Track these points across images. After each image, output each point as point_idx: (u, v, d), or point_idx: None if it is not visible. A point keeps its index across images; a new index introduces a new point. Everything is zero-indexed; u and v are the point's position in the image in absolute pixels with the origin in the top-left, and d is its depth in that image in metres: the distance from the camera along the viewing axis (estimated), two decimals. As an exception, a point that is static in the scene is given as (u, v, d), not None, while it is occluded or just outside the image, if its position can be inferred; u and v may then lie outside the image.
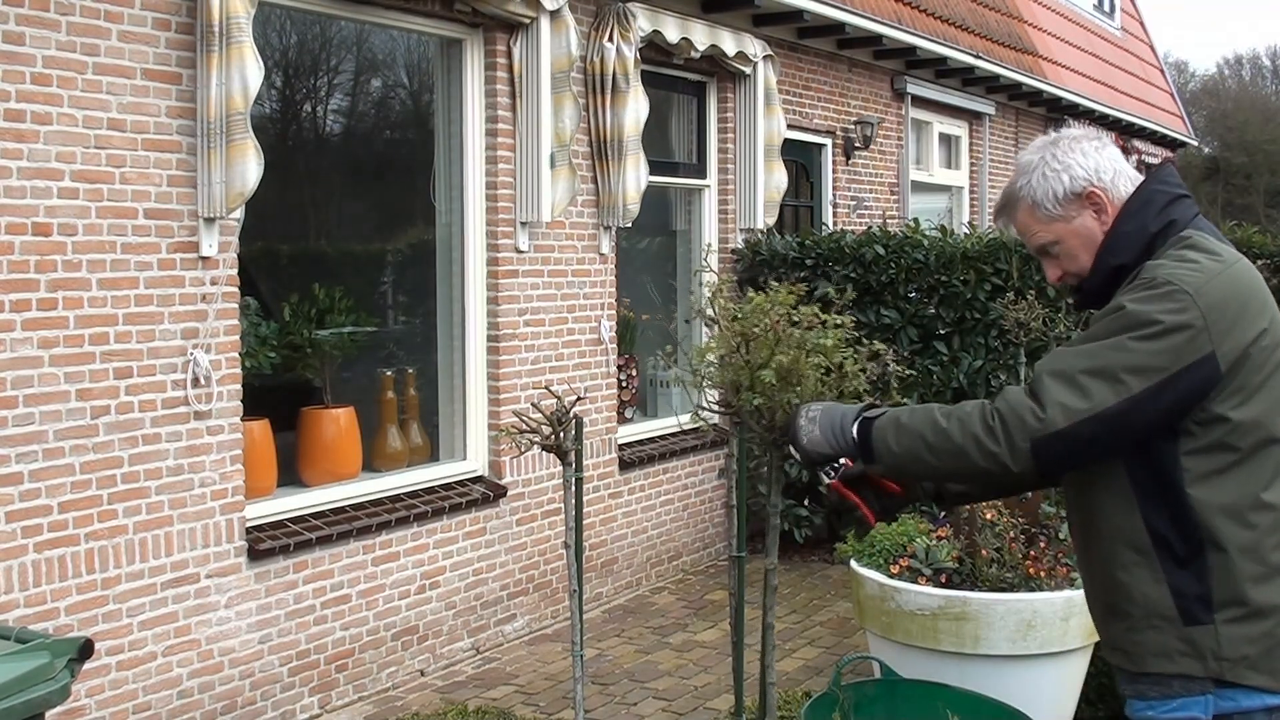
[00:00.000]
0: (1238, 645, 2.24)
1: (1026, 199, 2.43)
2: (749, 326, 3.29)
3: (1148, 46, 18.94)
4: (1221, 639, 2.24)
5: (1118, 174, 2.40)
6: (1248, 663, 2.24)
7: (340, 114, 6.52)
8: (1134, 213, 2.37)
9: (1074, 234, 2.40)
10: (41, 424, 4.31)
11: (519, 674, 5.85)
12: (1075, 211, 2.39)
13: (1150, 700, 2.32)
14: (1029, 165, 2.44)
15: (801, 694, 5.12)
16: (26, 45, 4.23)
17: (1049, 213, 2.41)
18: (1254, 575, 2.24)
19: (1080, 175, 2.38)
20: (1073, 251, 2.42)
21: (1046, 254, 2.47)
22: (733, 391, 3.34)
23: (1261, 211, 36.05)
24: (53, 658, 2.92)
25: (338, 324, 5.84)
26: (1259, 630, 2.24)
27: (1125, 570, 2.31)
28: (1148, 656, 2.30)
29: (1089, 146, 2.42)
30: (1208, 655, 2.25)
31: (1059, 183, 2.39)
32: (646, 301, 7.68)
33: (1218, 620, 2.24)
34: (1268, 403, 2.24)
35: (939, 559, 4.61)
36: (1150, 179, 2.40)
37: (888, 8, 9.23)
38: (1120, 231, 2.37)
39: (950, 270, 7.43)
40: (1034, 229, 2.45)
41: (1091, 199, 2.38)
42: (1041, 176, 2.41)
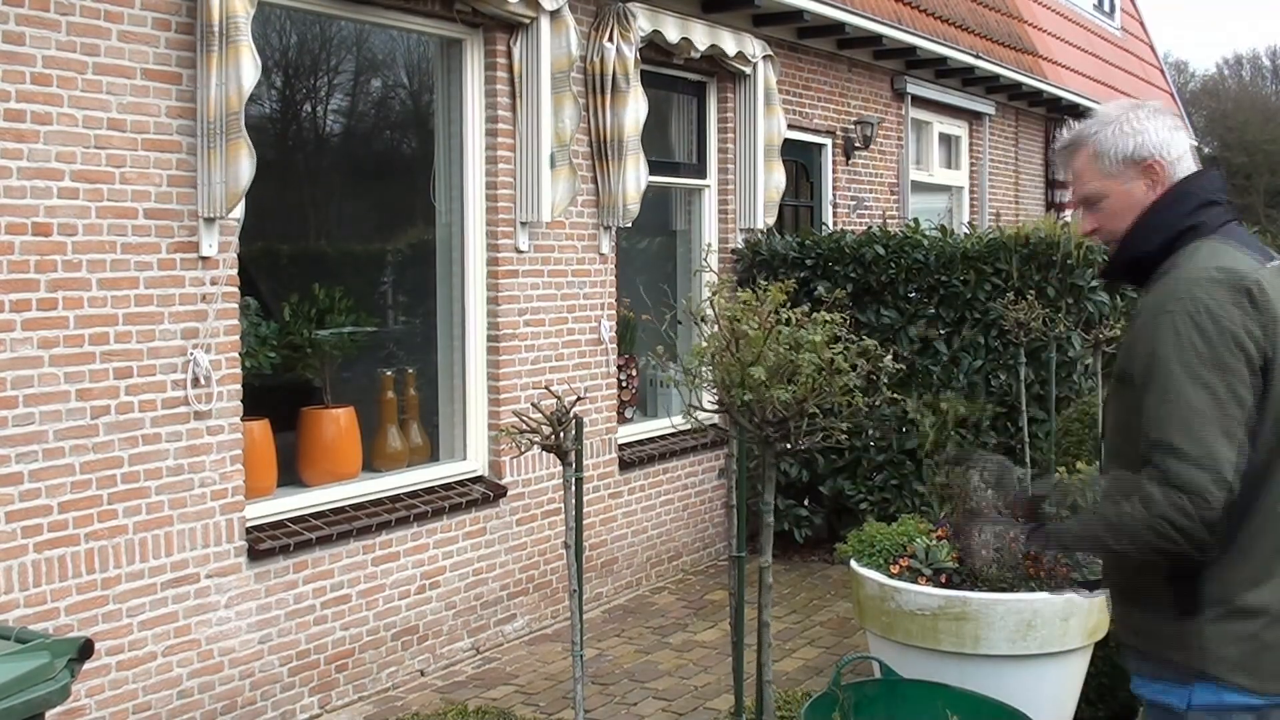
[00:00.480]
0: (1221, 644, 2.29)
1: (1092, 146, 2.47)
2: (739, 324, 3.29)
3: (1148, 46, 18.94)
4: (1206, 635, 2.30)
5: (1182, 158, 2.44)
6: (1230, 662, 2.29)
7: (340, 114, 6.52)
8: (1170, 205, 2.41)
9: (1123, 195, 2.45)
10: (41, 424, 4.31)
11: (519, 674, 5.85)
12: (1132, 175, 2.44)
13: (1145, 678, 2.44)
14: (1108, 117, 2.48)
15: (801, 694, 5.12)
16: (26, 45, 4.23)
17: (1106, 168, 2.45)
18: (1246, 578, 2.29)
19: (1152, 143, 2.43)
20: (1115, 211, 2.47)
21: (1089, 204, 2.51)
22: (724, 389, 3.34)
23: (1261, 211, 36.04)
24: (53, 658, 2.92)
25: (338, 324, 5.84)
26: (1244, 631, 2.29)
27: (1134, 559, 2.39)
28: (1151, 637, 2.40)
29: (1168, 122, 2.46)
30: (1193, 648, 2.32)
31: (1130, 142, 2.43)
32: (646, 301, 7.68)
33: (1206, 616, 2.31)
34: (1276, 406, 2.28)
35: (939, 559, 4.61)
36: (1195, 176, 2.44)
37: (888, 8, 9.23)
38: (1154, 220, 2.42)
39: (950, 270, 7.43)
40: (1087, 177, 2.49)
41: (1150, 170, 2.43)
42: (1116, 131, 2.45)
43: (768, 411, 3.29)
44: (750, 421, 3.26)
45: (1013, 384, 7.07)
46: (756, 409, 3.31)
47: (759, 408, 3.29)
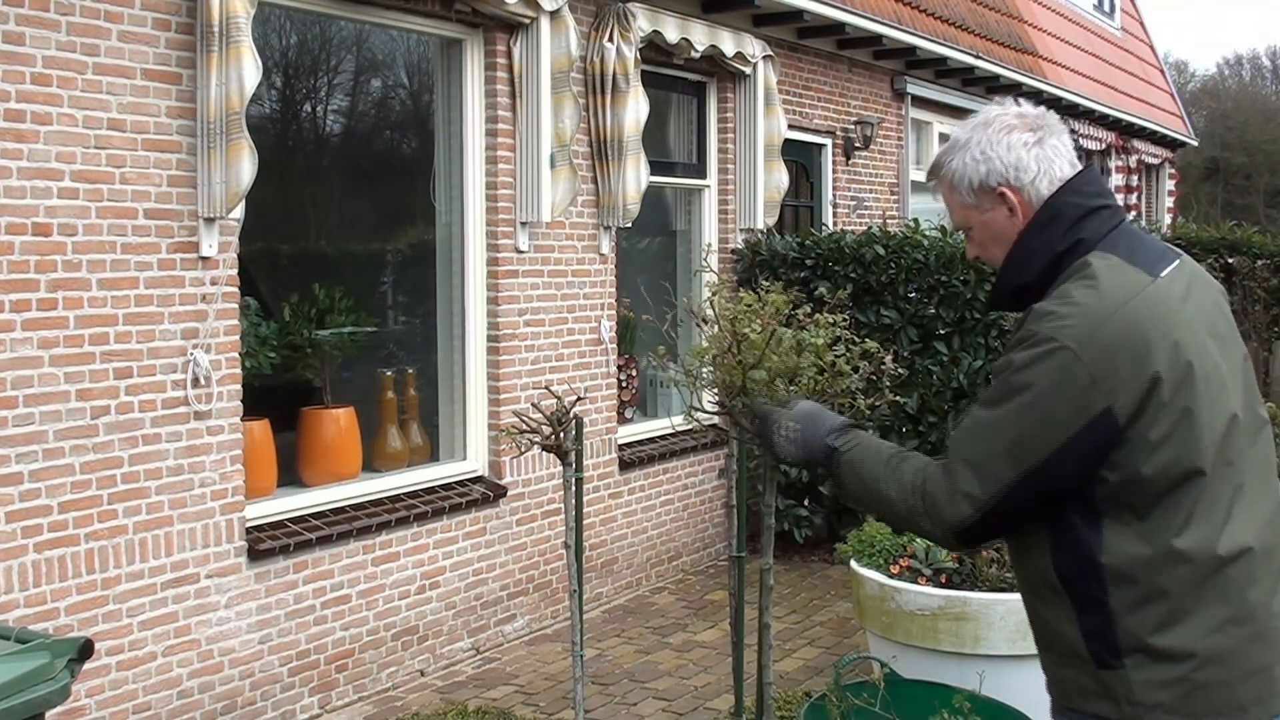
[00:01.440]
0: (1150, 691, 2.14)
1: (947, 177, 2.35)
2: (741, 327, 3.29)
3: (1148, 46, 18.94)
4: (1133, 684, 2.15)
5: (1040, 175, 2.26)
6: (1163, 709, 2.14)
7: (340, 114, 6.52)
8: (1040, 227, 2.25)
9: (985, 225, 2.33)
10: (41, 424, 4.31)
11: (519, 674, 5.85)
12: (989, 204, 2.30)
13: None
14: (958, 142, 2.33)
15: (801, 694, 5.12)
16: (26, 45, 4.23)
17: (963, 199, 2.33)
18: (1161, 621, 2.14)
19: (997, 170, 2.27)
20: (984, 241, 2.35)
21: (963, 229, 2.40)
22: (726, 392, 3.34)
23: (1261, 211, 36.05)
24: (53, 658, 2.92)
25: (338, 324, 5.84)
26: (1172, 675, 2.14)
27: (1045, 606, 2.27)
28: (1071, 692, 2.26)
29: (1018, 139, 2.27)
30: (1121, 700, 2.17)
31: (976, 173, 2.29)
32: (646, 301, 7.67)
33: (1127, 665, 2.16)
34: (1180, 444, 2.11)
35: (939, 559, 4.61)
36: (1064, 189, 2.26)
37: (888, 8, 9.24)
38: (1025, 249, 2.27)
39: (950, 270, 7.43)
40: (951, 207, 2.38)
41: (1003, 197, 2.28)
42: (964, 160, 2.31)
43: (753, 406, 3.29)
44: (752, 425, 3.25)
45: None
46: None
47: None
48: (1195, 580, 2.13)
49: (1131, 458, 2.11)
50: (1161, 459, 2.10)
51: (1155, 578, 2.13)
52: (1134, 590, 2.14)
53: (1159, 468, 2.11)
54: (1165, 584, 2.13)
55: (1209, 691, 2.14)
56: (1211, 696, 2.14)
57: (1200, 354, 2.15)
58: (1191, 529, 2.13)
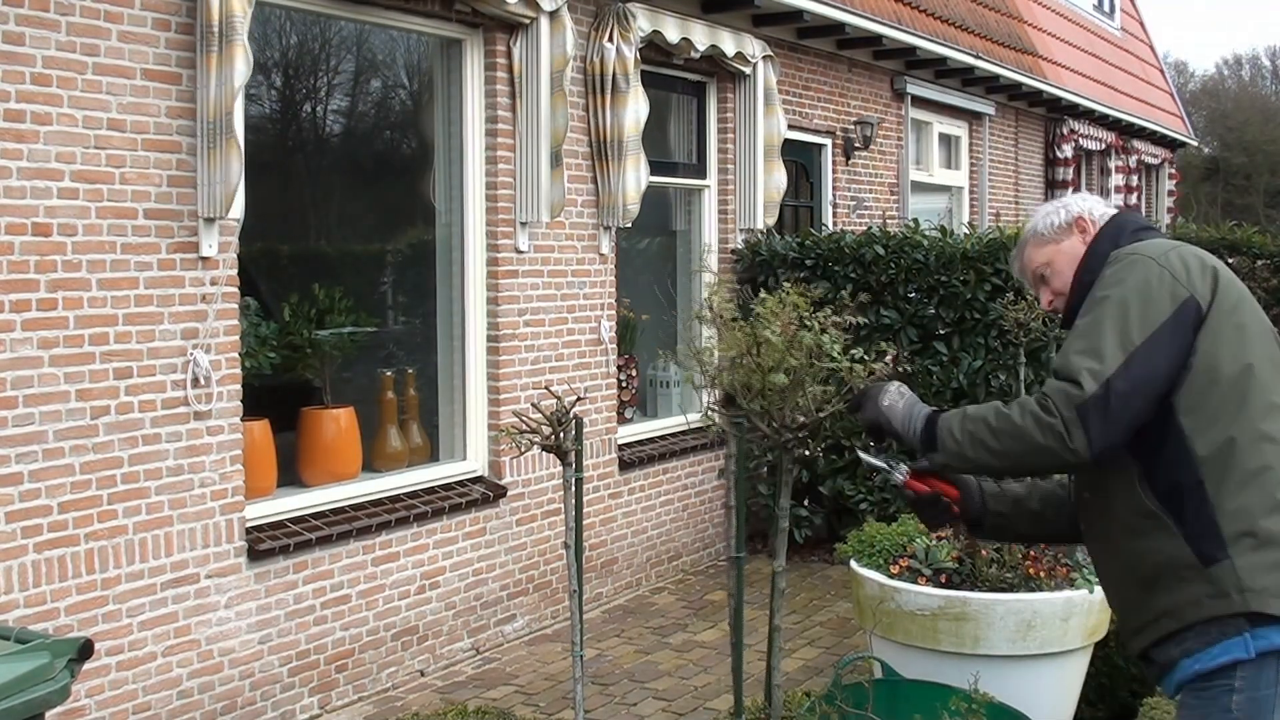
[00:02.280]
0: (1256, 575, 2.36)
1: (1030, 234, 2.85)
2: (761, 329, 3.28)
3: (1147, 47, 18.95)
4: (1240, 571, 2.36)
5: (1104, 213, 2.79)
6: (1271, 592, 2.35)
7: (340, 114, 6.52)
8: (1108, 235, 2.71)
9: (1063, 254, 2.77)
10: (41, 424, 4.31)
11: (519, 674, 5.85)
12: (1066, 235, 2.78)
13: (1195, 654, 2.43)
14: (1036, 213, 2.89)
15: (801, 694, 5.12)
16: (26, 45, 4.23)
17: (1043, 238, 2.81)
18: (1260, 507, 2.38)
19: (1074, 210, 2.80)
20: (1060, 269, 2.77)
21: (1041, 280, 2.83)
22: (744, 394, 3.33)
23: (1261, 211, 36.04)
24: (53, 658, 2.92)
25: (338, 324, 5.84)
26: (1273, 559, 2.36)
27: (1145, 537, 2.48)
28: (1185, 609, 2.43)
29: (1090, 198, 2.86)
30: (1231, 591, 2.37)
31: (1057, 216, 2.81)
32: (646, 301, 7.68)
33: (1233, 555, 2.37)
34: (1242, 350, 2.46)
35: (939, 559, 4.61)
36: (1120, 214, 2.79)
37: (888, 8, 9.24)
38: (1094, 251, 2.71)
39: (950, 270, 7.43)
40: (1033, 257, 2.83)
41: (1080, 224, 2.77)
42: (1045, 215, 2.84)
43: (787, 417, 3.29)
44: (770, 426, 3.25)
45: (1012, 384, 7.06)
46: (776, 414, 3.31)
47: (779, 413, 3.29)
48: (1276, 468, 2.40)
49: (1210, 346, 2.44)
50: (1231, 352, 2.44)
51: (1244, 461, 2.40)
52: (1228, 478, 2.40)
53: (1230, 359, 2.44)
54: (1254, 466, 2.40)
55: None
56: None
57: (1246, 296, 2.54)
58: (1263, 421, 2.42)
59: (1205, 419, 2.43)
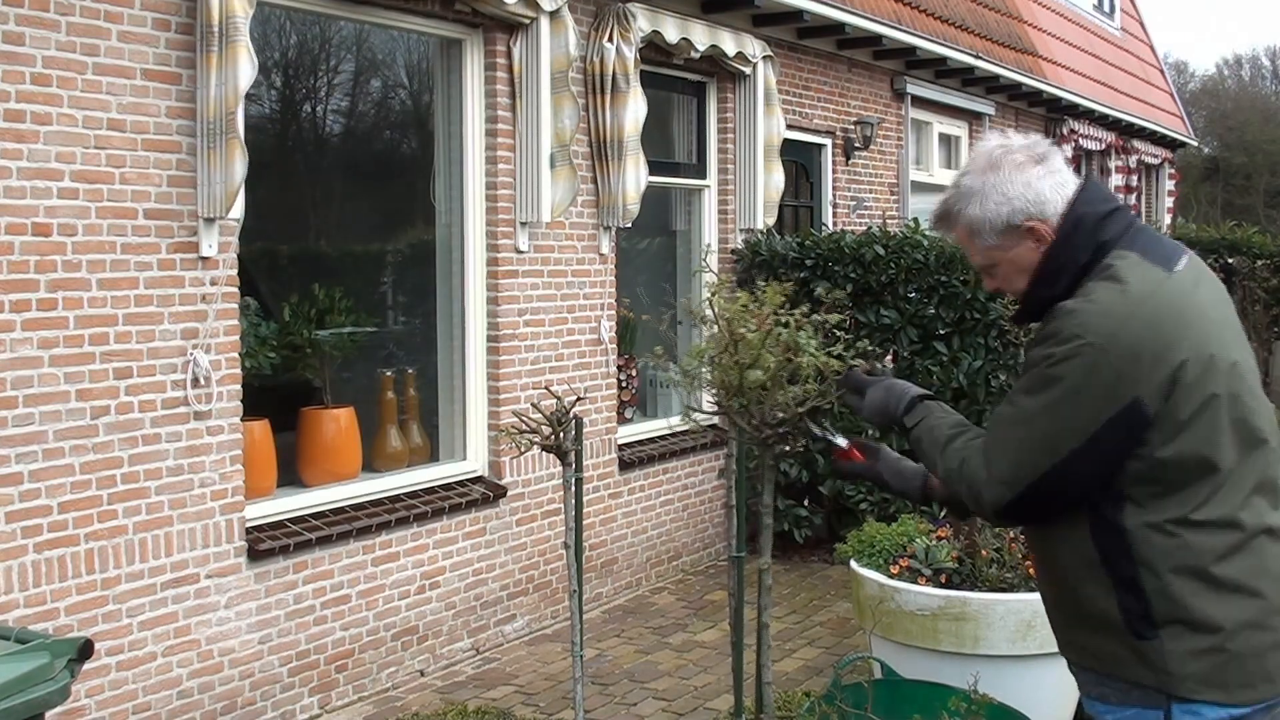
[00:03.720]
0: (1183, 662, 2.23)
1: (964, 224, 2.40)
2: (737, 327, 3.29)
3: (1147, 47, 18.94)
4: (1168, 655, 2.23)
5: (1055, 199, 2.33)
6: (1196, 678, 2.22)
7: (340, 114, 6.52)
8: (1063, 243, 2.31)
9: (1011, 261, 2.38)
10: (41, 424, 4.31)
11: (519, 674, 5.85)
12: (1013, 242, 2.36)
13: (1111, 704, 2.34)
14: (970, 190, 2.37)
15: (801, 694, 5.12)
16: (26, 45, 4.23)
17: (986, 242, 2.38)
18: (1192, 592, 2.22)
19: (1020, 208, 2.33)
20: (1009, 275, 2.41)
21: (983, 269, 2.47)
22: (724, 392, 3.34)
23: (1261, 211, 36.04)
24: (53, 658, 2.92)
25: (338, 324, 5.84)
26: (1204, 645, 2.22)
27: (1082, 583, 2.33)
28: (1110, 660, 2.32)
29: (1033, 174, 2.34)
30: (1157, 670, 2.25)
31: (998, 215, 2.34)
32: (646, 301, 7.68)
33: (1163, 637, 2.24)
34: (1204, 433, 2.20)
35: (939, 559, 4.61)
36: (1077, 201, 2.33)
37: (888, 8, 9.23)
38: (1053, 264, 2.33)
39: (950, 270, 7.43)
40: (972, 252, 2.44)
41: (1031, 232, 2.34)
42: (983, 204, 2.35)
43: (766, 414, 3.29)
44: (749, 424, 3.26)
45: (1012, 384, 7.06)
46: (755, 411, 3.31)
47: (758, 410, 3.29)
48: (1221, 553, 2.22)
49: (1161, 439, 2.20)
50: (1189, 441, 2.20)
51: (1183, 552, 2.22)
52: (1165, 565, 2.23)
53: (1186, 448, 2.20)
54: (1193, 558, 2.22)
55: (1241, 662, 2.23)
56: (1245, 666, 2.23)
57: (1220, 345, 2.25)
58: (1214, 504, 2.22)
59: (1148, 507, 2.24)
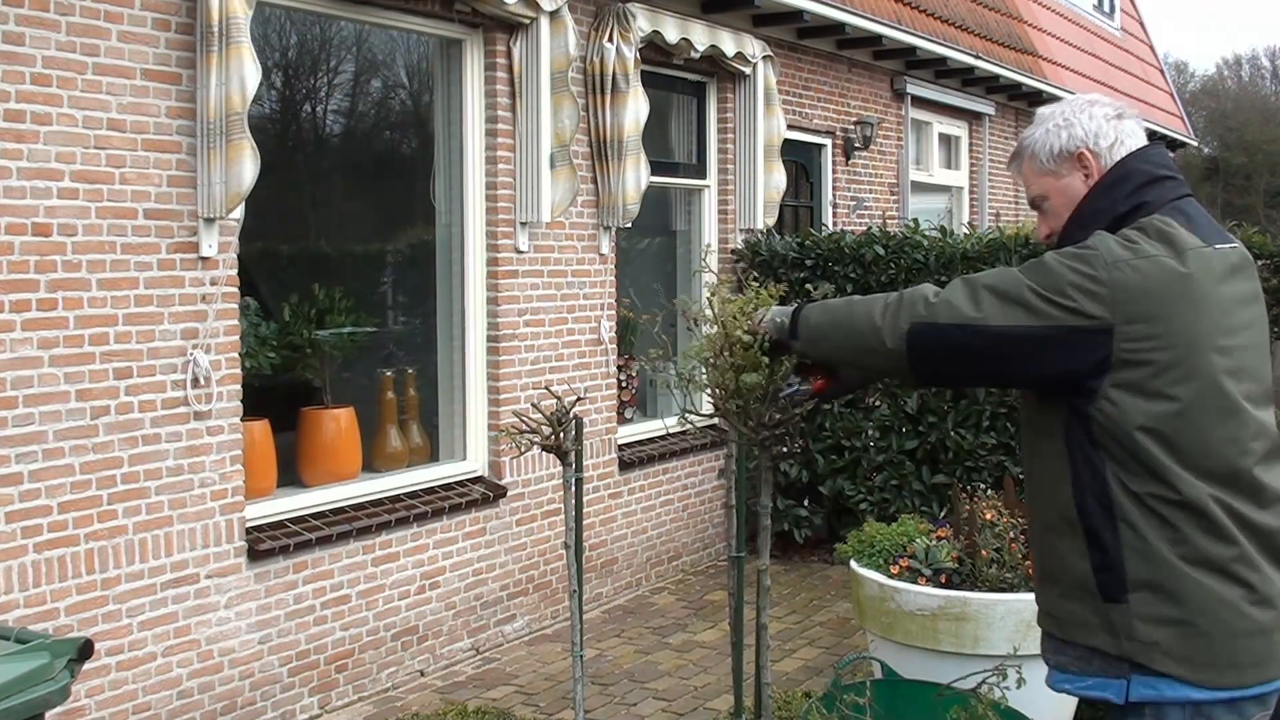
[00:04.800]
0: (1150, 628, 2.21)
1: (1029, 149, 2.45)
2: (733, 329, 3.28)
3: (1147, 47, 18.94)
4: (1134, 620, 2.22)
5: (1118, 144, 2.37)
6: (1160, 649, 2.21)
7: (340, 114, 6.52)
8: (1106, 188, 2.35)
9: (1060, 192, 2.41)
10: (41, 424, 4.31)
11: (519, 674, 5.85)
12: (1066, 170, 2.39)
13: (1070, 674, 2.34)
14: (1041, 118, 2.45)
15: (801, 694, 5.12)
16: (26, 45, 4.23)
17: (1042, 166, 2.42)
18: (1168, 561, 2.20)
19: (1079, 135, 2.38)
20: (1057, 210, 2.42)
21: (1039, 208, 2.48)
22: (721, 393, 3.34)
23: (1261, 212, 36.05)
24: (52, 658, 2.92)
25: (338, 324, 5.84)
26: (1172, 615, 2.20)
27: (1058, 538, 2.33)
28: (1072, 625, 2.32)
29: (1100, 111, 2.40)
30: (1121, 635, 2.24)
31: (1057, 139, 2.40)
32: (646, 301, 7.68)
33: (1131, 601, 2.23)
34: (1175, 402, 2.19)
35: (939, 559, 4.61)
36: (1134, 155, 2.37)
37: (888, 8, 9.23)
38: (1089, 207, 2.36)
39: (950, 270, 7.42)
40: (1030, 181, 2.47)
41: (1082, 160, 2.38)
42: (1046, 130, 2.42)
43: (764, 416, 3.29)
44: (746, 426, 3.25)
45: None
46: (753, 413, 3.31)
47: (755, 412, 3.29)
48: (1197, 524, 2.20)
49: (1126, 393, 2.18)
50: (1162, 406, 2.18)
51: (1156, 516, 2.20)
52: (1137, 528, 2.21)
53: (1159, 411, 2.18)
54: (1166, 525, 2.20)
55: (1209, 641, 2.20)
56: (1211, 647, 2.20)
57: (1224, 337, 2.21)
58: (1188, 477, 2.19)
59: (1123, 460, 2.22)
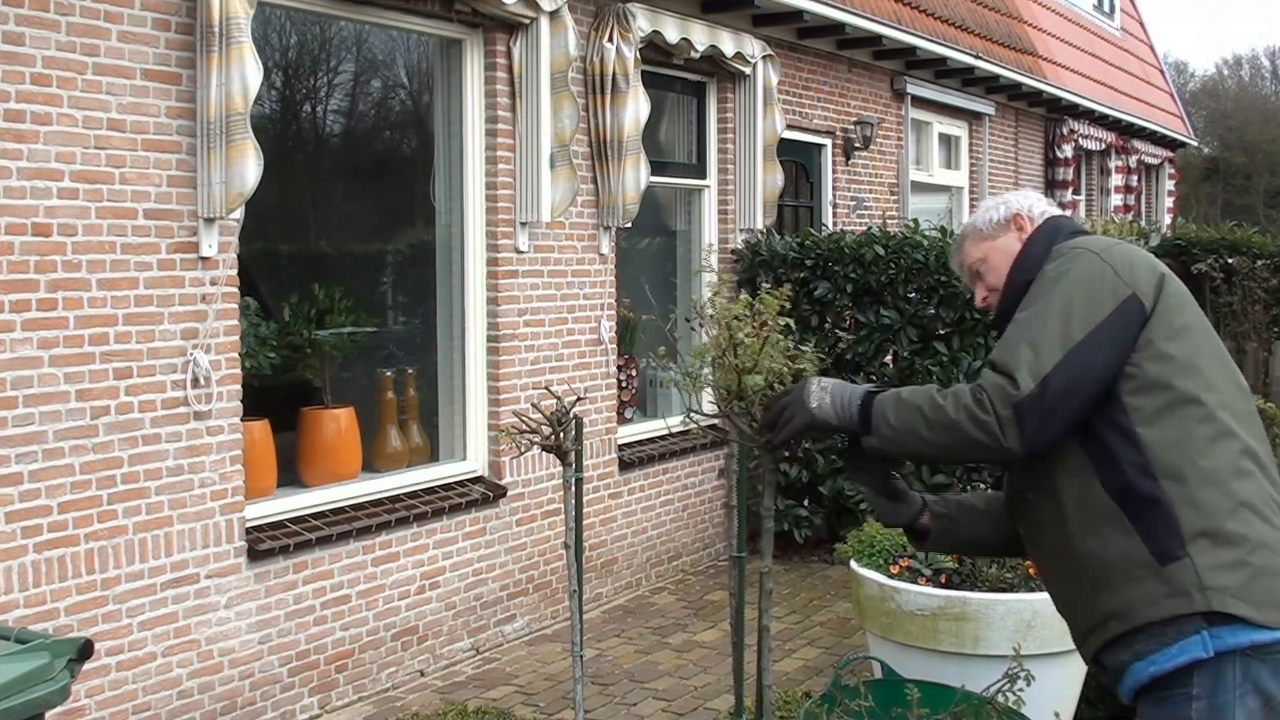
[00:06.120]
0: (1216, 574, 2.29)
1: (969, 228, 2.84)
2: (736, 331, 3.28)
3: (1147, 47, 18.95)
4: (1200, 570, 2.29)
5: (1046, 211, 2.77)
6: (1229, 591, 2.28)
7: (340, 114, 6.52)
8: (1045, 234, 2.69)
9: (999, 250, 2.74)
10: (41, 424, 4.31)
11: (519, 674, 5.85)
12: (1002, 232, 2.76)
13: (1149, 656, 2.34)
14: (979, 208, 2.87)
15: (801, 694, 5.12)
16: (26, 45, 4.23)
17: (981, 234, 2.79)
18: (1221, 507, 2.32)
19: (1014, 206, 2.78)
20: (996, 266, 2.74)
21: (976, 276, 2.79)
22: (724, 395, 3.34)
23: (1261, 212, 36.03)
24: (52, 658, 2.92)
25: (338, 324, 5.84)
26: (1231, 557, 2.29)
27: (1097, 536, 2.40)
28: (1137, 609, 2.35)
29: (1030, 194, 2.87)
30: (1191, 590, 2.30)
31: (996, 212, 2.79)
32: (646, 301, 7.68)
33: (1191, 553, 2.31)
34: (1190, 348, 2.42)
35: (939, 559, 4.61)
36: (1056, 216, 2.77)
37: (887, 8, 9.24)
38: (1030, 252, 2.67)
39: (950, 270, 7.41)
40: (970, 253, 2.81)
41: (1017, 221, 2.75)
42: (984, 209, 2.84)
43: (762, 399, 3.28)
44: (750, 427, 3.25)
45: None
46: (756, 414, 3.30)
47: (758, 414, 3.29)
48: (1232, 468, 2.35)
49: (1162, 335, 2.40)
50: (1180, 349, 2.40)
51: (1201, 459, 2.34)
52: (1186, 476, 2.34)
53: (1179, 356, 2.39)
54: (1210, 465, 2.34)
55: (1266, 579, 2.30)
56: (1268, 585, 2.30)
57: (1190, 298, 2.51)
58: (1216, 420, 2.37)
59: (1157, 417, 2.36)
